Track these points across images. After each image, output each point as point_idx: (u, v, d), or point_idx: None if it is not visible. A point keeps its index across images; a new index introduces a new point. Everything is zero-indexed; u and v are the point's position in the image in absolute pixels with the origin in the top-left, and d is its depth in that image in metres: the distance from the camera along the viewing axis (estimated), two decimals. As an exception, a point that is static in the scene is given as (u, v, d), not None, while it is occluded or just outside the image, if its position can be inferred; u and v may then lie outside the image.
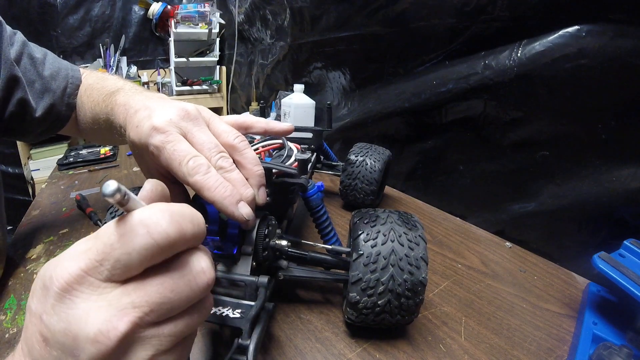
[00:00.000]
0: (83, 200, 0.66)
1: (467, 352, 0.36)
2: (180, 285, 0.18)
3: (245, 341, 0.27)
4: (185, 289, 0.19)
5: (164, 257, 0.18)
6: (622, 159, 0.45)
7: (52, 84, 0.48)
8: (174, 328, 0.18)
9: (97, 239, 0.17)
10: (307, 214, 0.43)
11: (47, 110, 0.47)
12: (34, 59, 0.47)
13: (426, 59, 0.69)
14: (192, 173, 0.27)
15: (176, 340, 0.19)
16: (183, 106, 0.31)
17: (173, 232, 0.17)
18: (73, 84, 0.49)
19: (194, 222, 0.19)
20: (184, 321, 0.19)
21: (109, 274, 0.17)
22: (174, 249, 0.19)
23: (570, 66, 0.48)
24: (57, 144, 1.60)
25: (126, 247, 0.17)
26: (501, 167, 0.59)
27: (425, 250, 0.33)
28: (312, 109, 1.03)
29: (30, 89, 0.46)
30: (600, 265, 0.37)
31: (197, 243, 0.20)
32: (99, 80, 0.48)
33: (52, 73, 0.48)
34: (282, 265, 0.37)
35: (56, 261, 0.17)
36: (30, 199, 1.56)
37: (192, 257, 0.20)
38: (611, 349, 0.32)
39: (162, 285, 0.18)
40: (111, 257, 0.17)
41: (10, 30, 0.45)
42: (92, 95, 0.46)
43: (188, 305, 0.19)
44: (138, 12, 1.80)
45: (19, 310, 0.41)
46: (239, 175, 0.29)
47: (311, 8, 1.00)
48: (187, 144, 0.28)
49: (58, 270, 0.17)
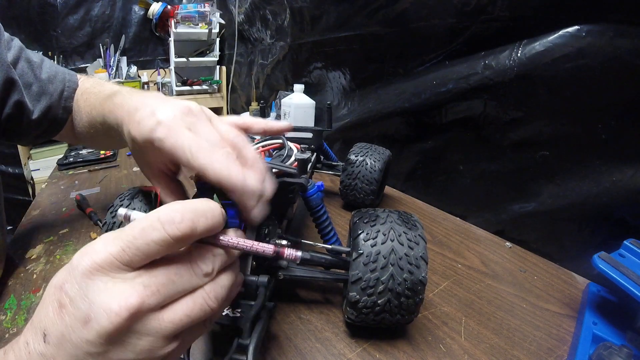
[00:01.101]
0: (83, 200, 0.66)
1: (467, 352, 0.36)
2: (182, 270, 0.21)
3: (245, 340, 0.27)
4: (186, 274, 0.21)
5: (180, 248, 0.21)
6: (622, 159, 0.45)
7: (49, 87, 0.48)
8: (173, 315, 0.20)
9: (123, 231, 0.20)
10: (307, 214, 0.43)
11: (44, 113, 0.47)
12: (31, 62, 0.47)
13: (426, 59, 0.69)
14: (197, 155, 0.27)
15: (174, 328, 0.20)
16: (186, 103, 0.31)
17: (185, 228, 0.20)
18: (70, 87, 0.49)
19: (208, 215, 0.21)
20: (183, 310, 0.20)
21: (129, 260, 0.19)
22: (188, 240, 0.21)
23: (570, 66, 0.48)
24: (57, 144, 1.60)
25: (145, 239, 0.19)
26: (501, 167, 0.59)
27: (425, 249, 0.33)
28: (312, 109, 1.03)
29: (27, 92, 0.46)
30: (600, 265, 0.37)
31: (213, 232, 0.22)
32: (96, 85, 0.48)
33: (49, 76, 0.48)
34: (282, 264, 0.37)
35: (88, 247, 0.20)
36: (30, 199, 1.56)
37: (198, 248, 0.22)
38: (611, 349, 0.32)
39: (168, 270, 0.20)
40: (133, 246, 0.19)
41: (8, 36, 0.46)
42: (89, 99, 0.47)
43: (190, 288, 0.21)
44: (138, 12, 1.80)
45: (19, 310, 0.41)
46: None
47: (311, 8, 1.00)
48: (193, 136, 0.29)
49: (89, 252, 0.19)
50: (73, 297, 0.19)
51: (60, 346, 0.18)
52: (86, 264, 0.19)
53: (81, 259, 0.19)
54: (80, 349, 0.18)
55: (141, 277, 0.20)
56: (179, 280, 0.20)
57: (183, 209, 0.21)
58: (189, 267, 0.21)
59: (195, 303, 0.21)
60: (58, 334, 0.18)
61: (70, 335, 0.18)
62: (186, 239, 0.20)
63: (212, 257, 0.23)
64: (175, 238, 0.20)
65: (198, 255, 0.22)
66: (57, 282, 0.20)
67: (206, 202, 0.22)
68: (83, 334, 0.18)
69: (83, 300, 0.18)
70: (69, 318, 0.18)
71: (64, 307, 0.19)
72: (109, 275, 0.19)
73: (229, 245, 0.24)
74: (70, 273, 0.19)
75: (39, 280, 0.46)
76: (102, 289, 0.19)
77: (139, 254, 0.19)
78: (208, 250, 0.23)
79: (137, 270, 0.20)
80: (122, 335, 0.19)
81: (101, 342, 0.18)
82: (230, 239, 0.24)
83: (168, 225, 0.20)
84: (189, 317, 0.21)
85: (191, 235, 0.20)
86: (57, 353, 0.18)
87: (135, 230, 0.20)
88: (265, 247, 0.25)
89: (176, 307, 0.20)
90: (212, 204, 0.22)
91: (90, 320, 0.18)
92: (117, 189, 0.74)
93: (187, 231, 0.20)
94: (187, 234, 0.20)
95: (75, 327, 0.18)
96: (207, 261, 0.22)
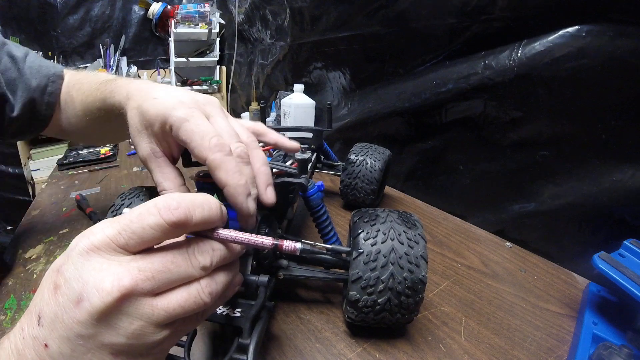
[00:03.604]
0: (83, 200, 0.66)
1: (467, 352, 0.36)
2: (179, 259, 0.21)
3: (246, 340, 0.27)
4: (183, 263, 0.21)
5: (175, 235, 0.21)
6: (622, 159, 0.45)
7: (32, 82, 0.46)
8: (167, 303, 0.20)
9: (122, 216, 0.20)
10: (307, 213, 0.43)
11: (26, 108, 0.46)
12: (13, 57, 0.46)
13: (426, 59, 0.69)
14: (215, 149, 0.27)
15: (166, 316, 0.20)
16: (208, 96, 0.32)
17: (180, 214, 0.20)
18: (55, 82, 0.48)
19: (205, 207, 0.22)
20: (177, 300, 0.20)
21: (125, 243, 0.20)
22: (184, 228, 0.21)
23: (570, 66, 0.48)
24: (57, 144, 1.60)
25: (141, 223, 0.20)
26: (501, 167, 0.59)
27: (424, 248, 0.33)
28: (312, 109, 1.03)
29: (9, 87, 0.45)
30: (600, 265, 0.37)
31: (209, 225, 0.23)
32: (89, 75, 0.47)
33: (32, 71, 0.47)
34: (282, 264, 0.37)
35: (86, 230, 0.20)
36: (30, 199, 1.56)
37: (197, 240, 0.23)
38: (611, 349, 0.32)
39: (165, 257, 0.21)
40: (129, 229, 0.20)
41: None
42: (82, 88, 0.45)
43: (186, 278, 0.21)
44: (138, 12, 1.80)
45: (19, 310, 0.41)
46: (251, 171, 0.29)
47: (311, 8, 1.00)
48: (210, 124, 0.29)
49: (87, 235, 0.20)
50: (68, 278, 0.19)
51: (53, 328, 0.18)
52: (83, 245, 0.19)
53: (79, 240, 0.20)
54: (72, 330, 0.18)
55: (137, 262, 0.20)
56: (175, 270, 0.21)
57: (180, 197, 0.21)
58: (186, 257, 0.21)
59: (190, 294, 0.21)
60: (51, 315, 0.18)
61: (62, 316, 0.18)
62: (181, 225, 0.21)
63: (211, 251, 0.23)
64: (170, 223, 0.20)
65: (196, 248, 0.22)
66: (55, 266, 0.20)
67: (204, 196, 0.22)
68: (75, 313, 0.18)
69: (77, 280, 0.18)
70: (62, 298, 0.18)
71: (59, 287, 0.19)
72: (105, 257, 0.19)
73: (227, 238, 0.24)
74: (68, 255, 0.20)
75: (39, 280, 0.46)
76: (96, 269, 0.19)
77: (134, 237, 0.20)
78: (207, 243, 0.23)
79: (133, 255, 0.20)
80: (114, 316, 0.18)
81: (92, 323, 0.18)
82: (229, 233, 0.24)
83: (164, 211, 0.20)
84: (182, 307, 0.20)
85: (186, 223, 0.21)
86: (50, 335, 0.18)
87: (133, 214, 0.20)
88: (264, 239, 0.25)
89: (170, 296, 0.20)
90: (210, 198, 0.23)
91: (82, 300, 0.18)
92: (117, 189, 0.74)
93: (182, 217, 0.20)
94: (182, 220, 0.20)
95: (67, 307, 0.18)
96: (205, 254, 0.22)
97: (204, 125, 0.28)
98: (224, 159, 0.27)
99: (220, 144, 0.27)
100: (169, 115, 0.29)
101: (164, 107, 0.29)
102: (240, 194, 0.27)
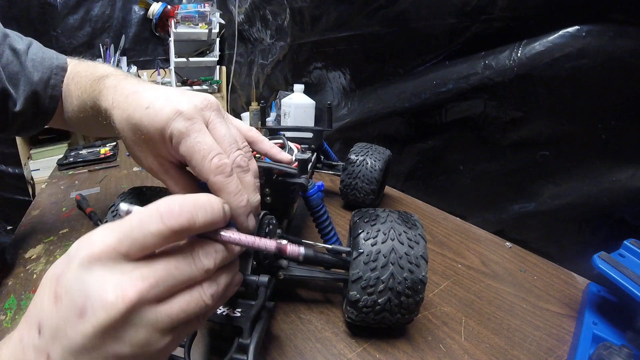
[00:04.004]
0: (83, 200, 0.66)
1: (467, 352, 0.36)
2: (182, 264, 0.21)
3: (246, 340, 0.27)
4: (187, 268, 0.21)
5: (178, 240, 0.21)
6: (622, 159, 0.45)
7: (35, 76, 0.45)
8: (170, 309, 0.20)
9: (122, 222, 0.20)
10: (307, 213, 0.43)
11: (29, 103, 0.45)
12: (16, 50, 0.45)
13: (426, 59, 0.69)
14: (216, 172, 0.26)
15: (170, 322, 0.20)
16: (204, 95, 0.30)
17: (183, 220, 0.20)
18: (58, 74, 0.46)
19: (208, 209, 0.21)
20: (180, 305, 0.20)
21: (127, 251, 0.19)
22: (187, 233, 0.21)
23: (570, 66, 0.48)
24: (57, 144, 1.60)
25: (143, 230, 0.19)
26: (501, 167, 0.59)
27: (424, 248, 0.33)
28: (312, 109, 1.03)
29: (12, 81, 0.44)
30: (600, 265, 0.37)
31: (213, 227, 0.22)
32: (88, 68, 0.46)
33: (35, 64, 0.46)
34: (282, 264, 0.37)
35: (85, 237, 0.20)
36: (30, 199, 1.56)
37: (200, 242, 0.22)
38: (611, 349, 0.32)
39: (168, 263, 0.20)
40: (130, 237, 0.19)
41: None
42: (79, 82, 0.44)
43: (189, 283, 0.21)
44: (138, 12, 1.80)
45: (19, 310, 0.41)
46: (251, 179, 0.29)
47: (311, 8, 1.00)
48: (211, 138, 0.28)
49: (86, 243, 0.19)
50: (69, 289, 0.18)
51: (55, 339, 0.18)
52: (83, 255, 0.19)
53: (78, 249, 0.19)
54: (75, 342, 0.18)
55: (139, 269, 0.19)
56: (178, 274, 0.20)
57: (182, 201, 0.20)
58: (190, 262, 0.21)
59: (192, 298, 0.21)
60: (53, 326, 0.18)
61: (65, 328, 0.18)
62: (184, 231, 0.20)
63: (214, 253, 0.22)
64: (173, 230, 0.19)
65: (200, 250, 0.22)
66: (53, 274, 0.19)
67: (207, 196, 0.22)
68: (79, 326, 0.17)
69: (79, 292, 0.18)
70: (64, 310, 0.18)
71: (60, 299, 0.18)
72: (107, 267, 0.19)
73: (231, 240, 0.23)
74: (67, 264, 0.19)
75: (39, 280, 0.46)
76: (99, 281, 0.18)
77: (136, 245, 0.19)
78: (210, 245, 0.22)
79: (135, 262, 0.19)
80: (119, 328, 0.18)
81: (97, 335, 0.18)
82: (232, 235, 0.23)
83: (166, 217, 0.19)
84: (185, 312, 0.20)
85: (189, 228, 0.20)
86: (52, 346, 0.18)
87: (134, 221, 0.19)
88: (268, 242, 0.24)
89: (173, 302, 0.20)
90: (213, 198, 0.22)
91: (86, 313, 0.18)
92: (117, 189, 0.74)
93: (185, 224, 0.20)
94: (185, 226, 0.20)
95: (70, 320, 0.18)
96: (208, 256, 0.22)
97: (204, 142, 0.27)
98: (224, 181, 0.27)
99: (221, 165, 0.26)
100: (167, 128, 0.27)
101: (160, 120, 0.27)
102: (241, 215, 0.27)
